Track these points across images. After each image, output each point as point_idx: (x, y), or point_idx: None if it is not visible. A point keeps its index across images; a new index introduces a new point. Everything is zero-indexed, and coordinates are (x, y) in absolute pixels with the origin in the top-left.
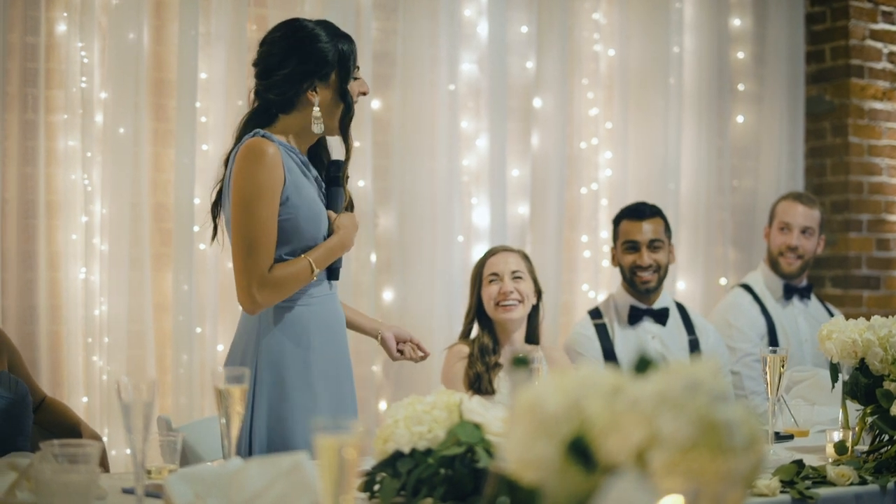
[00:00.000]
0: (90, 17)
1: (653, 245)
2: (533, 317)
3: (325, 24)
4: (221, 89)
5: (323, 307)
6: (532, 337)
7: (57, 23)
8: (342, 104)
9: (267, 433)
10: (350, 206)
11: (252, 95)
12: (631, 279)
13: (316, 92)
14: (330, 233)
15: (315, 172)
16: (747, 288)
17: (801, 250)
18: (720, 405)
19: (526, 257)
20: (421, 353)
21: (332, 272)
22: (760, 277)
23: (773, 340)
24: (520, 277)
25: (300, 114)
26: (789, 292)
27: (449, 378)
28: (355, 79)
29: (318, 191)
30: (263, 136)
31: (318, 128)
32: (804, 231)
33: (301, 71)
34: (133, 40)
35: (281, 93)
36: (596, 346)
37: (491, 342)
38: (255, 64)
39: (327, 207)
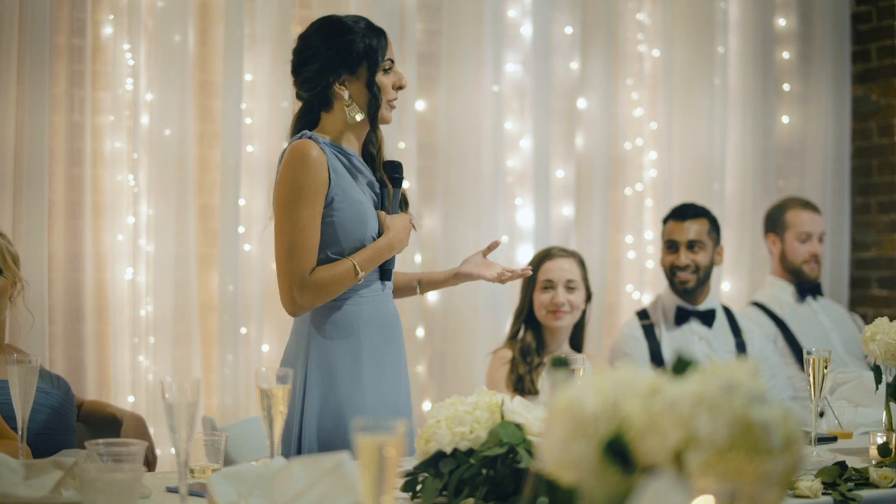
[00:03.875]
0: (136, 19)
1: (692, 245)
2: (579, 324)
3: (355, 19)
4: (266, 91)
5: (373, 306)
6: (576, 342)
7: (103, 25)
8: (369, 95)
9: (317, 433)
10: (405, 206)
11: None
12: (671, 279)
13: (344, 86)
14: (380, 233)
15: (369, 173)
16: (754, 303)
17: (819, 256)
18: (757, 406)
19: (581, 262)
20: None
21: (385, 273)
22: (767, 289)
23: (790, 341)
24: (574, 288)
25: (337, 109)
26: (802, 293)
27: (493, 383)
28: (386, 71)
29: (371, 191)
30: (310, 137)
31: (352, 118)
32: (820, 238)
33: (326, 65)
34: (179, 42)
35: (310, 88)
36: (643, 347)
37: (535, 342)
38: (292, 60)
39: (381, 208)
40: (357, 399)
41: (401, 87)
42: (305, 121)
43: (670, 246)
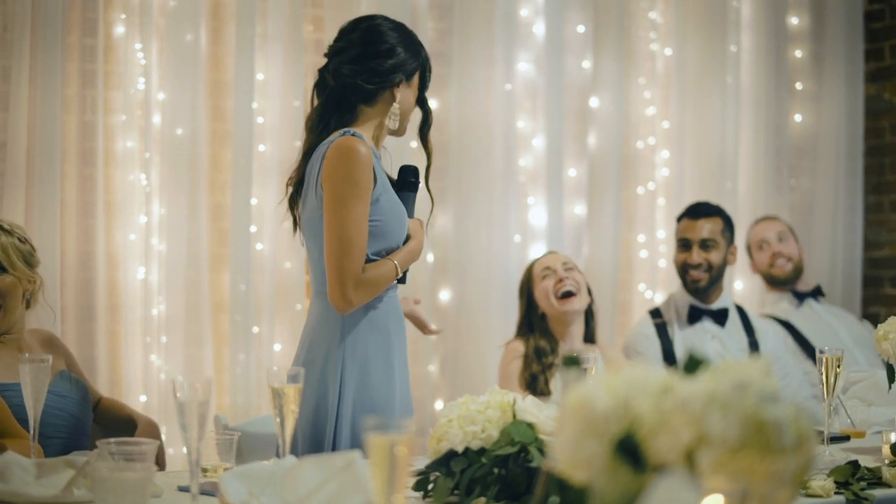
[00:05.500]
0: (148, 19)
1: (705, 244)
2: (589, 318)
3: (406, 26)
4: (278, 90)
5: (396, 306)
6: (590, 337)
7: (115, 24)
8: (421, 111)
9: (352, 430)
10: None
11: (315, 86)
12: (683, 277)
13: (399, 88)
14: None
15: None
16: (760, 315)
17: (786, 253)
18: (769, 405)
19: (571, 259)
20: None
21: (402, 275)
22: (768, 303)
23: (799, 339)
24: (572, 269)
25: (379, 109)
26: (800, 297)
27: (506, 375)
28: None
29: None
30: (354, 134)
31: (393, 123)
32: (780, 238)
33: (400, 65)
34: (190, 41)
35: (370, 79)
36: (656, 346)
37: (547, 344)
38: (348, 47)
39: None
40: (388, 397)
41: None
42: (339, 110)
43: (683, 244)
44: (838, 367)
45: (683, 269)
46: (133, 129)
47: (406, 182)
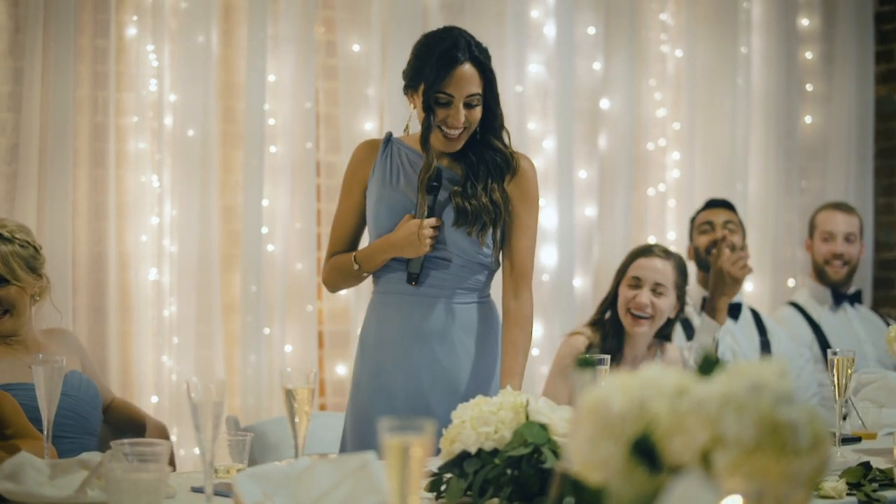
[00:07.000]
0: (160, 21)
1: (727, 226)
2: (665, 326)
3: (439, 43)
4: (289, 91)
5: (394, 300)
6: (666, 335)
7: (127, 26)
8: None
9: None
10: (430, 213)
11: None
12: (705, 259)
13: (411, 97)
14: None
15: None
16: (792, 303)
17: (846, 256)
18: (784, 406)
19: (680, 268)
20: None
21: (409, 276)
22: (806, 291)
23: (824, 347)
24: (661, 294)
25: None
26: (839, 299)
27: (560, 371)
28: (440, 103)
29: (429, 195)
30: (384, 137)
31: (409, 128)
32: (847, 238)
33: (405, 72)
34: (202, 43)
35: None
36: None
37: (616, 345)
38: None
39: (432, 214)
40: (374, 379)
41: (450, 126)
42: None
43: (706, 228)
44: (850, 368)
45: (707, 251)
46: (145, 130)
47: (425, 185)
